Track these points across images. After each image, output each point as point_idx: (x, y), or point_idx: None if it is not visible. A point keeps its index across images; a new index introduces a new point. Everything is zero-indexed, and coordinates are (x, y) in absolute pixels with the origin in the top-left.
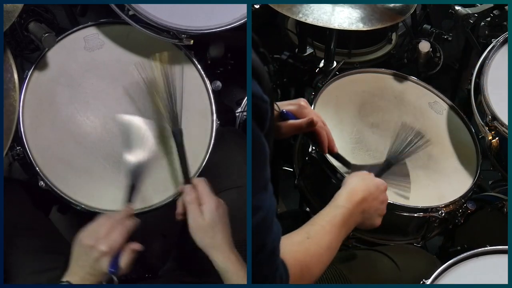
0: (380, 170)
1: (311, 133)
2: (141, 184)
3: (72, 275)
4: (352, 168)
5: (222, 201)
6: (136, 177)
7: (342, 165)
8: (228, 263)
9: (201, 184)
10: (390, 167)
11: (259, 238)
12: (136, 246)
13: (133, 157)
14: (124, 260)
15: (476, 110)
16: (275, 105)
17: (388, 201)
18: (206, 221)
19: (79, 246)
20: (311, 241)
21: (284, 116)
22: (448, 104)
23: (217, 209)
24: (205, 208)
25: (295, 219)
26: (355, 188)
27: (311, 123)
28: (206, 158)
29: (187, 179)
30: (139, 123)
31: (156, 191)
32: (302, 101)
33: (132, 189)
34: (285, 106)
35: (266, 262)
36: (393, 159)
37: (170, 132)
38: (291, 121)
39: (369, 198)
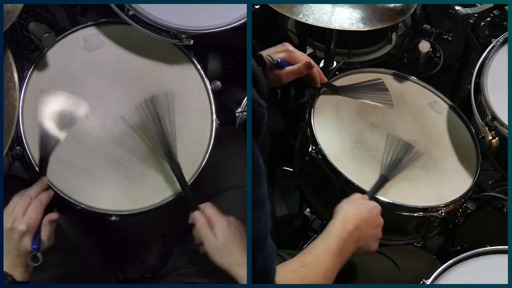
0: (376, 187)
1: None
2: (51, 153)
3: (5, 263)
4: (340, 92)
5: (233, 218)
6: (48, 148)
7: (332, 90)
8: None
9: (208, 208)
10: (386, 182)
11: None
12: (52, 215)
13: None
14: (45, 234)
15: (476, 110)
16: (268, 57)
17: (388, 201)
18: (220, 242)
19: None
20: (307, 269)
21: (279, 65)
22: (448, 104)
23: (228, 227)
24: (217, 229)
25: (291, 225)
26: (347, 217)
27: (309, 66)
28: (206, 158)
29: (194, 207)
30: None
31: (156, 191)
32: (288, 45)
33: (44, 161)
34: (274, 54)
35: (258, 280)
36: (388, 174)
37: (149, 140)
38: (290, 68)
39: (362, 225)
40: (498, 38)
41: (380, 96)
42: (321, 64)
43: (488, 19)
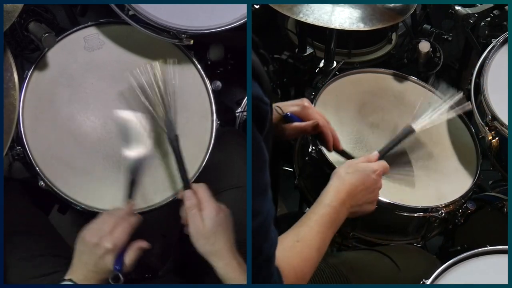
0: (395, 142)
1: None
2: (140, 180)
3: (74, 273)
4: None
5: (224, 206)
6: (135, 172)
7: (346, 158)
8: (229, 270)
9: (201, 190)
10: (409, 135)
11: (255, 243)
12: (143, 244)
13: (132, 152)
14: (129, 258)
15: (476, 110)
16: (278, 108)
17: (388, 201)
18: (207, 228)
19: (82, 243)
20: (302, 244)
21: (288, 119)
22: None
23: (217, 214)
24: (206, 214)
25: (292, 224)
26: (341, 184)
27: (316, 127)
28: (206, 158)
29: (187, 185)
30: (137, 118)
31: (156, 191)
32: (306, 102)
33: (133, 185)
34: (288, 107)
35: (262, 268)
36: (414, 126)
37: (152, 107)
38: (296, 124)
39: (355, 191)
40: (498, 38)
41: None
42: (321, 64)
43: (488, 19)
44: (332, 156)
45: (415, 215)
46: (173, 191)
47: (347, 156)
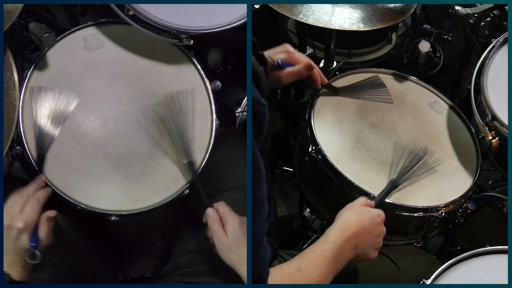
0: (385, 193)
1: None
2: (48, 153)
3: (3, 262)
4: (340, 93)
5: (245, 218)
6: (45, 146)
7: (332, 91)
8: None
9: (222, 206)
10: (394, 189)
11: None
12: (50, 213)
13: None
14: (43, 231)
15: (476, 110)
16: (268, 58)
17: (388, 201)
18: (230, 240)
19: None
20: (302, 274)
21: (279, 66)
22: (448, 104)
23: (240, 226)
24: (228, 228)
25: (291, 225)
26: (347, 223)
27: (310, 67)
28: (206, 158)
29: (208, 204)
30: None
31: (156, 191)
32: (288, 46)
33: (41, 158)
34: (274, 55)
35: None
36: (398, 180)
37: (168, 134)
38: (290, 69)
39: (362, 233)
40: (498, 38)
41: (379, 93)
42: (321, 64)
43: (488, 19)
44: (332, 156)
45: (415, 215)
46: (172, 191)
47: (333, 89)
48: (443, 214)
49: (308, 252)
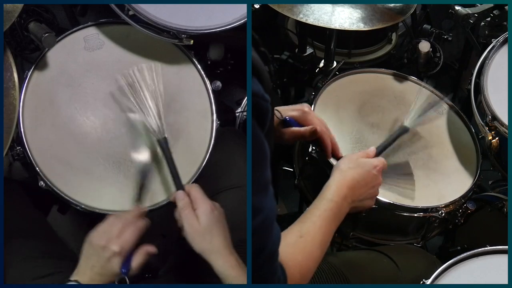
0: (391, 140)
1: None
2: (149, 183)
3: (81, 275)
4: None
5: (218, 204)
6: (145, 176)
7: None
8: (227, 267)
9: (194, 189)
10: (404, 133)
11: (258, 241)
12: (150, 248)
13: (141, 156)
14: (136, 261)
15: (476, 110)
16: (277, 112)
17: (388, 201)
18: (202, 225)
19: (90, 246)
20: (305, 239)
21: (287, 123)
22: (448, 104)
23: (212, 212)
24: (200, 212)
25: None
26: (342, 179)
27: (314, 133)
28: (206, 158)
29: (179, 186)
30: (147, 122)
31: (156, 191)
32: (306, 107)
33: (142, 189)
34: (288, 111)
35: (265, 265)
36: (408, 126)
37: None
38: (294, 129)
39: (357, 186)
40: (498, 38)
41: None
42: (321, 64)
43: (488, 19)
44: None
45: (415, 215)
46: (172, 191)
47: None
48: (443, 214)
49: (308, 215)
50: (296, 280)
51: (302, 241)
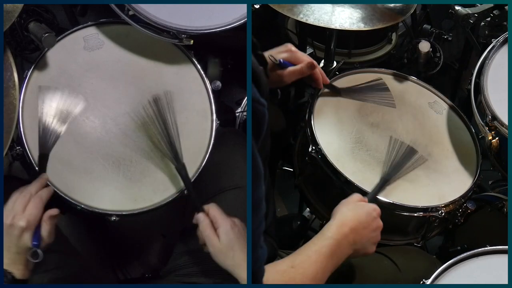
0: (377, 190)
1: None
2: (50, 153)
3: (5, 260)
4: (342, 94)
5: (237, 219)
6: (48, 146)
7: (334, 92)
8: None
9: (213, 209)
10: (386, 185)
11: None
12: (52, 211)
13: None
14: (45, 230)
15: (476, 110)
16: (270, 57)
17: (388, 201)
18: (224, 243)
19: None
20: (296, 271)
21: (282, 65)
22: (448, 104)
23: (232, 229)
24: (221, 231)
25: (291, 225)
26: (344, 219)
27: (312, 66)
28: (206, 158)
29: (199, 208)
30: None
31: (156, 191)
32: (290, 46)
33: (45, 158)
34: (276, 55)
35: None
36: (388, 176)
37: (163, 132)
38: (292, 68)
39: (359, 227)
40: (498, 38)
41: (381, 96)
42: (321, 64)
43: (488, 19)
44: (332, 156)
45: (415, 215)
46: (173, 191)
47: (335, 89)
48: (443, 214)
49: (304, 249)
50: None
51: (292, 272)
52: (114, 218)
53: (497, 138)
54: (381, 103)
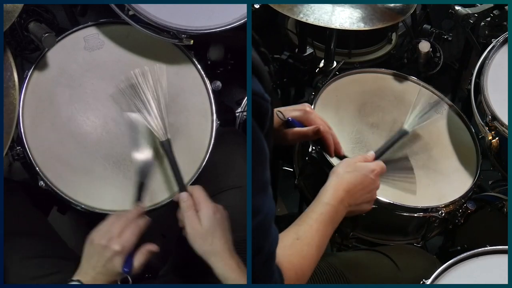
0: (389, 144)
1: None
2: (149, 182)
3: (83, 275)
4: None
5: (221, 206)
6: (144, 175)
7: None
8: (227, 270)
9: (197, 191)
10: (403, 136)
11: (256, 242)
12: (152, 247)
13: (141, 155)
14: (138, 260)
15: (476, 110)
16: (279, 113)
17: (388, 202)
18: (204, 228)
19: (91, 245)
20: (302, 242)
21: (290, 124)
22: (448, 104)
23: (214, 214)
24: (202, 214)
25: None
26: (339, 182)
27: (317, 132)
28: (206, 158)
29: (182, 187)
30: (146, 121)
31: (156, 191)
32: (307, 107)
33: (141, 187)
34: (290, 112)
35: (262, 266)
36: (407, 129)
37: (148, 108)
38: (297, 129)
39: (354, 190)
40: (498, 38)
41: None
42: (321, 64)
43: (488, 19)
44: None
45: (415, 215)
46: (173, 191)
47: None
48: (443, 214)
49: (304, 218)
50: (292, 282)
51: (298, 244)
52: None
53: (497, 138)
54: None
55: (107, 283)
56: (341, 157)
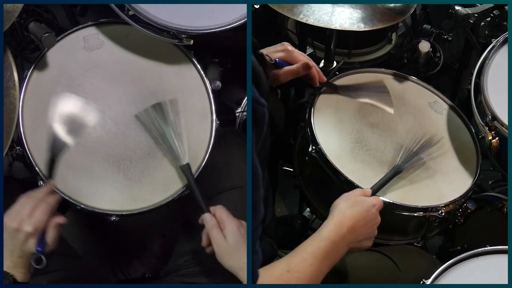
0: (384, 181)
1: None
2: (60, 159)
3: (5, 261)
4: (340, 91)
5: (244, 222)
6: (55, 151)
7: (331, 89)
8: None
9: (219, 210)
10: (398, 174)
11: None
12: (59, 219)
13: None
14: (50, 236)
15: (476, 110)
16: (266, 56)
17: (388, 201)
18: (230, 244)
19: (5, 230)
20: (291, 275)
21: (277, 65)
22: (448, 104)
23: (239, 229)
24: (227, 231)
25: (291, 225)
26: (342, 218)
27: (307, 66)
28: (206, 158)
29: (205, 208)
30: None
31: (156, 191)
32: (287, 45)
33: (52, 164)
34: (273, 53)
35: None
36: (400, 168)
37: (168, 134)
38: (287, 68)
39: (357, 226)
40: (498, 38)
41: (380, 97)
42: (321, 64)
43: (488, 19)
44: (332, 156)
45: (415, 214)
46: (173, 191)
47: (332, 86)
48: (443, 214)
49: (299, 250)
50: None
51: (287, 276)
52: (114, 218)
53: (497, 138)
54: (378, 102)
55: (27, 265)
56: (325, 84)
